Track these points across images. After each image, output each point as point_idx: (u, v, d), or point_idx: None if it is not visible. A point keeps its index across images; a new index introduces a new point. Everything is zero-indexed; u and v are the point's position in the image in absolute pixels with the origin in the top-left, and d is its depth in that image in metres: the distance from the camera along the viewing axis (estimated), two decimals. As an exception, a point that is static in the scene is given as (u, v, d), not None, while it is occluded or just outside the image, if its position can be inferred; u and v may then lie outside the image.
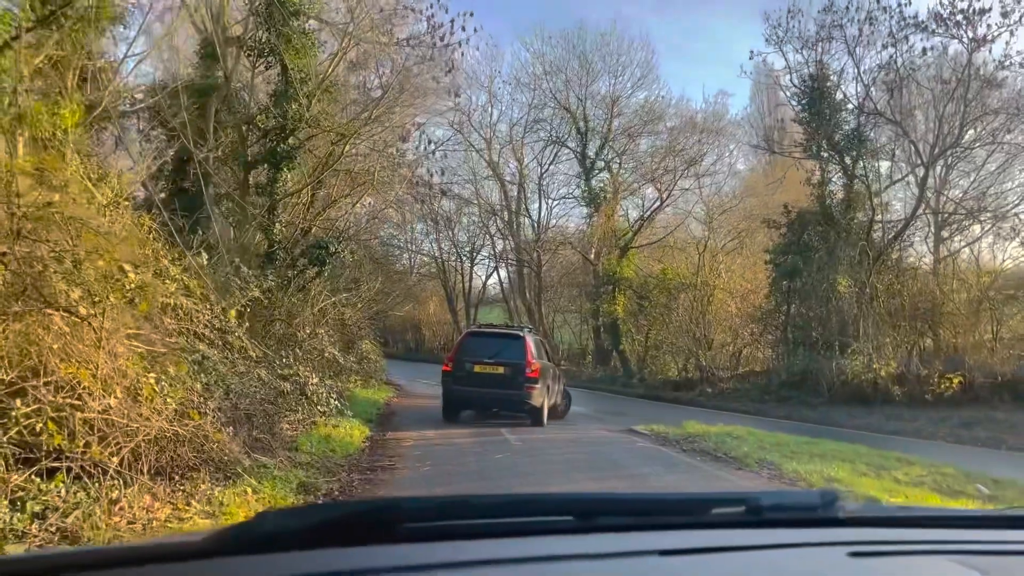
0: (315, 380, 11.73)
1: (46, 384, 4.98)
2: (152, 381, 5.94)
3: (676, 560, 1.32)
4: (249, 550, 1.26)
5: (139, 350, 6.03)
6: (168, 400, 6.14)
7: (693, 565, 1.32)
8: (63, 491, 4.69)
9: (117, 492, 5.12)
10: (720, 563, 1.34)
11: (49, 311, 4.62)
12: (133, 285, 5.36)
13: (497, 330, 15.94)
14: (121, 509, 5.01)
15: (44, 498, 4.55)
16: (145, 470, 5.67)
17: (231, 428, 7.81)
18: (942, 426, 19.54)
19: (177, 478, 6.14)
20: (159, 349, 6.63)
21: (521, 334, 15.33)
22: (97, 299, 4.92)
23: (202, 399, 6.79)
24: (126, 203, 9.74)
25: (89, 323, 4.96)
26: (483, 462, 10.63)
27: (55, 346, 4.72)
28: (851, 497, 8.63)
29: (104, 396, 4.99)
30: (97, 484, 5.05)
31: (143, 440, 5.65)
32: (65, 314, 4.73)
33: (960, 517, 1.91)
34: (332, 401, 12.19)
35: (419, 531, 1.36)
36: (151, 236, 9.97)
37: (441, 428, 14.50)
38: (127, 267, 5.20)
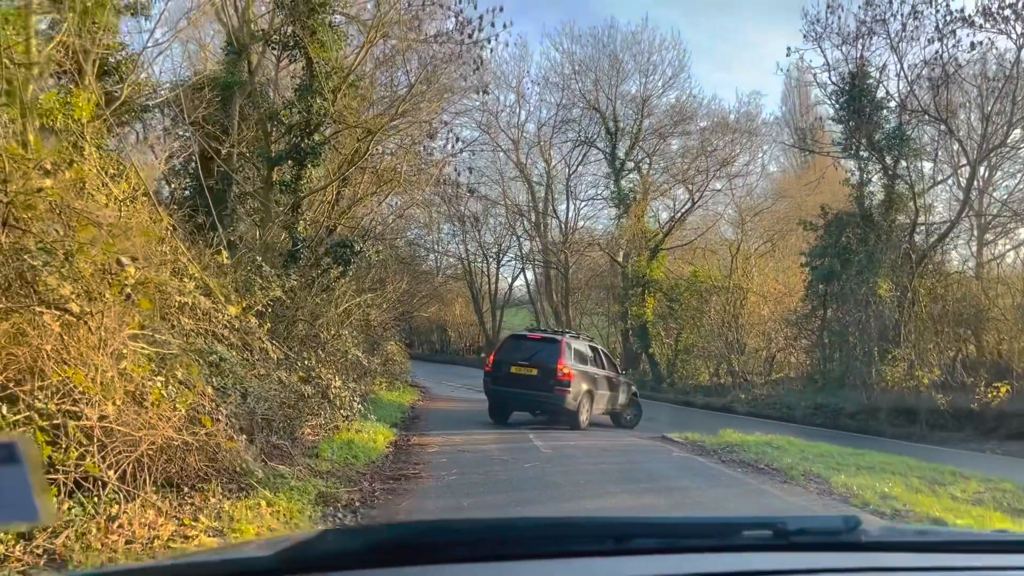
0: (338, 383, 11.31)
1: (41, 389, 4.57)
2: (160, 385, 5.51)
3: None
4: (313, 568, 1.32)
5: (146, 351, 5.61)
6: (177, 405, 5.71)
7: None
8: (55, 508, 4.26)
9: (117, 507, 4.69)
10: None
11: (39, 309, 4.20)
12: (132, 280, 4.93)
13: (538, 334, 16.25)
14: (120, 527, 4.57)
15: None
16: (150, 482, 5.23)
17: (247, 435, 7.39)
18: (990, 437, 18.77)
19: (186, 490, 5.71)
20: (173, 351, 6.21)
21: (558, 338, 15.49)
22: (93, 296, 4.51)
23: (215, 404, 6.35)
24: (144, 198, 9.36)
25: (85, 322, 4.54)
26: (511, 471, 10.12)
27: (48, 347, 4.31)
28: (901, 518, 8.05)
29: (104, 402, 4.56)
30: (95, 499, 4.63)
31: (147, 450, 5.21)
32: (57, 312, 4.32)
33: (978, 542, 1.94)
34: (355, 404, 11.76)
35: (467, 552, 1.44)
36: (169, 232, 9.60)
37: (467, 433, 14.06)
38: (125, 260, 4.77)
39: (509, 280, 45.61)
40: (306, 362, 11.07)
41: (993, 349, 22.66)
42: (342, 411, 11.21)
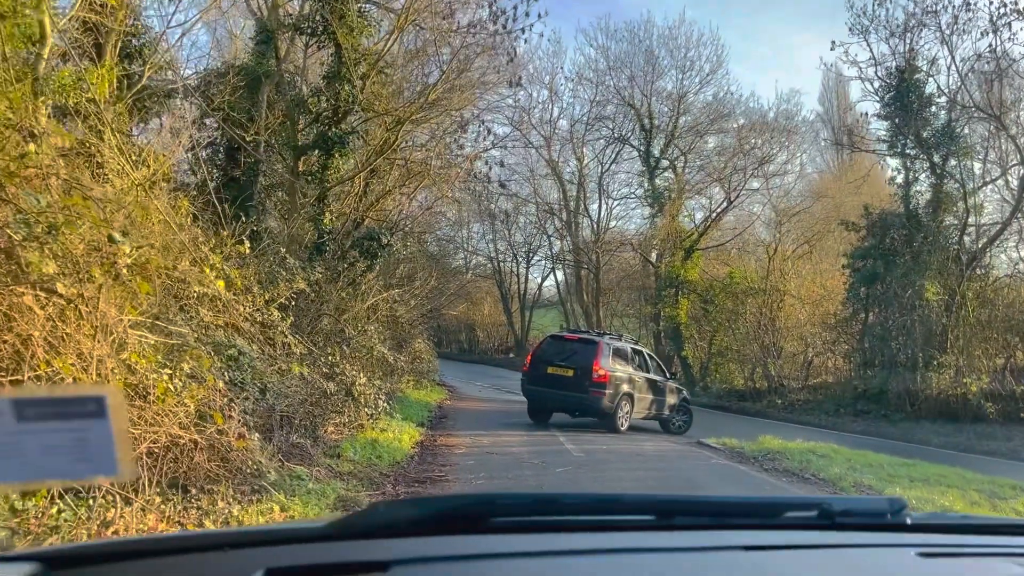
0: (363, 380, 10.87)
1: (34, 378, 4.15)
2: (166, 378, 5.07)
3: (758, 555, 1.39)
4: (365, 535, 1.37)
5: (151, 341, 5.19)
6: (186, 400, 5.27)
7: (774, 559, 1.38)
8: (42, 513, 3.83)
9: (113, 511, 4.25)
10: (798, 559, 1.41)
11: (20, 289, 3.78)
12: (129, 260, 4.49)
13: (576, 335, 16.00)
14: (116, 533, 4.13)
15: (16, 520, 3.70)
16: (153, 484, 4.80)
17: (262, 433, 6.96)
18: (1042, 448, 17.88)
19: (194, 491, 5.28)
20: (182, 342, 5.78)
21: (596, 339, 15.17)
22: (84, 276, 4.08)
23: (228, 399, 5.91)
24: (164, 184, 9.00)
25: (77, 306, 4.11)
26: (542, 476, 9.60)
27: (35, 334, 3.89)
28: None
29: (98, 395, 4.13)
30: (88, 502, 4.20)
31: (150, 448, 4.78)
32: (42, 294, 3.89)
33: (1017, 525, 1.93)
34: (380, 403, 11.32)
35: (511, 524, 1.47)
36: (189, 220, 9.23)
37: (496, 434, 13.59)
38: (118, 235, 4.33)
39: (539, 280, 45.10)
40: (330, 358, 10.65)
41: (1045, 357, 21.70)
42: (366, 409, 10.78)
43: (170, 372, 5.16)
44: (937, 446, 18.44)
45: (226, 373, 7.40)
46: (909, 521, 1.60)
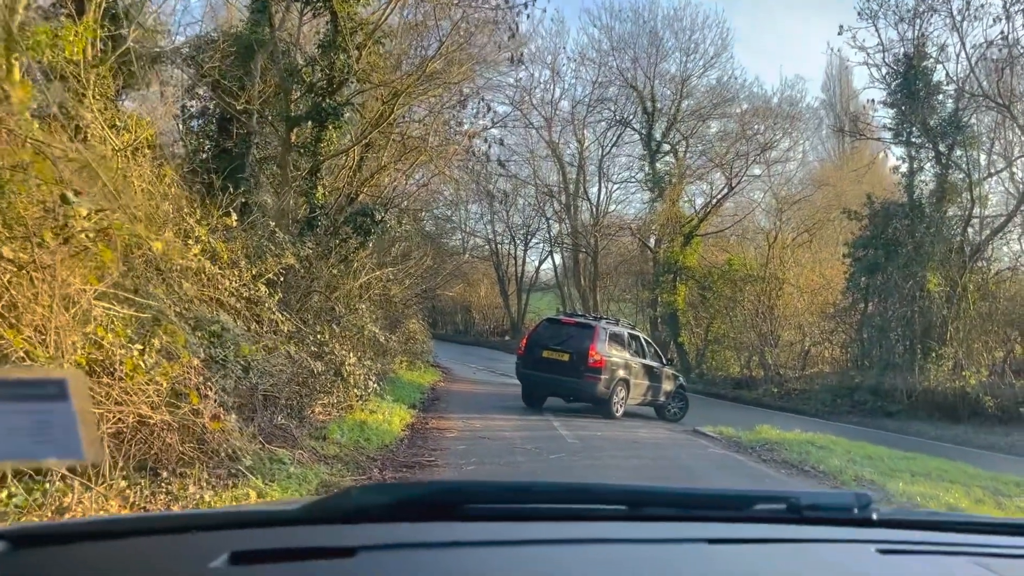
0: (353, 360, 10.55)
1: (-14, 352, 3.82)
2: (136, 354, 4.74)
3: (722, 548, 1.41)
4: (338, 520, 1.37)
5: (121, 314, 4.85)
6: (157, 378, 4.95)
7: (737, 553, 1.41)
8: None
9: (70, 497, 3.93)
10: (762, 552, 1.44)
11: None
12: (88, 224, 4.13)
13: (573, 319, 15.69)
14: (74, 518, 3.81)
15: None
16: (119, 467, 4.48)
17: (244, 413, 6.65)
18: (1040, 443, 17.66)
19: (165, 475, 4.96)
20: (156, 315, 5.45)
21: (593, 323, 14.90)
22: (36, 241, 3.73)
23: (204, 377, 5.59)
24: (148, 152, 8.64)
25: (29, 273, 3.77)
26: (535, 462, 9.34)
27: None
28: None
29: (55, 371, 3.81)
30: (44, 486, 3.89)
31: (117, 428, 4.46)
32: (-12, 259, 3.55)
33: (984, 523, 1.90)
34: (371, 384, 11.02)
35: (484, 511, 1.47)
36: (173, 190, 8.88)
37: (489, 418, 13.31)
38: (70, 195, 3.97)
39: (536, 263, 44.73)
40: (319, 336, 10.32)
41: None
42: (356, 390, 10.47)
43: (140, 348, 4.83)
44: (934, 439, 18.22)
45: (207, 350, 7.07)
46: (875, 516, 1.62)
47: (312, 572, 1.19)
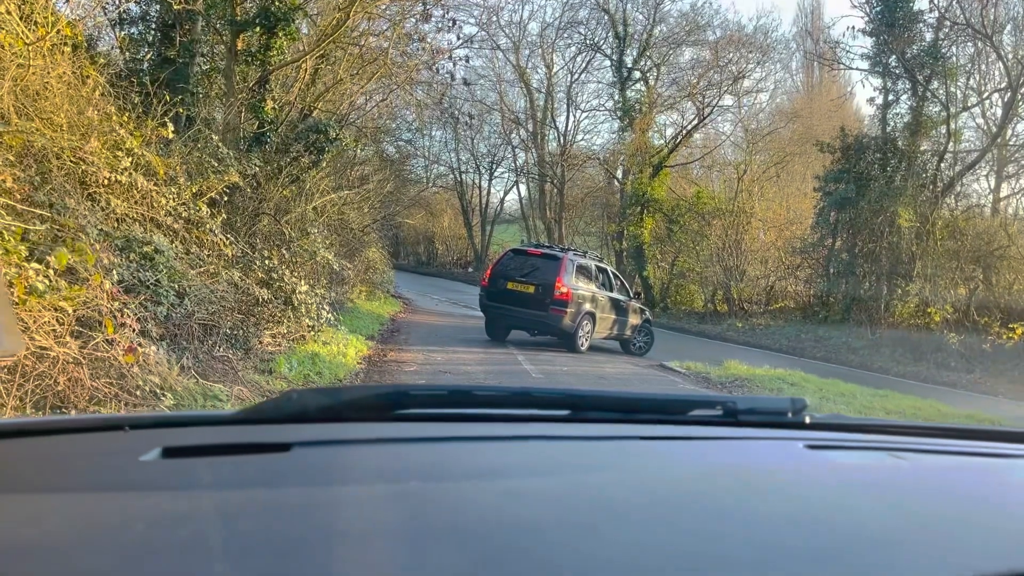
0: (304, 287, 9.82)
1: None
2: (32, 275, 3.99)
3: (655, 444, 1.47)
4: (276, 421, 1.36)
5: (13, 228, 4.08)
6: (61, 303, 4.21)
7: (670, 448, 1.47)
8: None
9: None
10: (693, 448, 1.49)
11: None
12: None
13: (539, 249, 14.99)
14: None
15: None
16: (9, 407, 3.78)
17: (175, 345, 5.95)
18: (1001, 380, 17.71)
19: (74, 414, 4.27)
20: (78, 232, 4.67)
21: (560, 255, 14.27)
22: None
23: (121, 304, 4.85)
24: (66, 48, 7.65)
25: None
26: (499, 398, 8.79)
27: None
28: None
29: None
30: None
31: (7, 361, 3.75)
32: None
33: (904, 426, 1.99)
34: (324, 313, 10.32)
35: (424, 414, 1.48)
36: (98, 94, 7.92)
37: (451, 351, 12.77)
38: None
39: (501, 194, 43.82)
40: (267, 262, 9.55)
41: (1009, 288, 21.47)
42: (307, 319, 9.78)
43: (38, 267, 4.08)
44: (897, 375, 18.18)
45: (134, 273, 6.31)
46: (807, 420, 1.65)
47: (246, 466, 1.15)
